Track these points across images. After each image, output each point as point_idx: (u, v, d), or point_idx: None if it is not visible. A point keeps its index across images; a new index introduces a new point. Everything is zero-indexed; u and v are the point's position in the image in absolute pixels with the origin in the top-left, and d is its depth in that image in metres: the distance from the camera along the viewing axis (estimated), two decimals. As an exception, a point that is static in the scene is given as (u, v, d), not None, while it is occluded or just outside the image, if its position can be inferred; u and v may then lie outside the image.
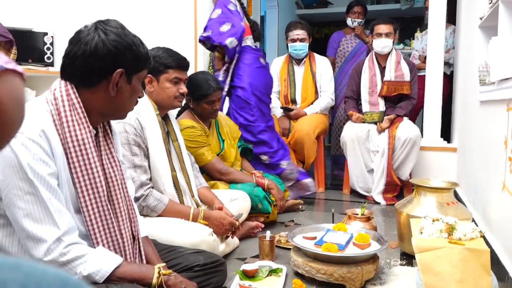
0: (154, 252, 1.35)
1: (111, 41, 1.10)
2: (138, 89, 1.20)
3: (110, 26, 1.12)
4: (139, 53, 1.15)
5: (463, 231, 1.46)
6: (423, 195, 1.98)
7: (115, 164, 1.21)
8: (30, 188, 1.01)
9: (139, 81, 1.19)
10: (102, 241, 1.15)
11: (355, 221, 2.06)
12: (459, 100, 3.29)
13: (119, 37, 1.11)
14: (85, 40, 1.10)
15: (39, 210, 1.02)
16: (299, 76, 3.57)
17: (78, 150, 1.10)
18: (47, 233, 1.02)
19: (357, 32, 4.13)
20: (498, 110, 1.84)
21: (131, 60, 1.13)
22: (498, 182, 1.77)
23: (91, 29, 1.11)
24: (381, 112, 3.24)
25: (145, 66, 1.19)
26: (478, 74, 2.23)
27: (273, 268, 1.76)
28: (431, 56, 3.35)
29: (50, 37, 3.58)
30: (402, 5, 5.69)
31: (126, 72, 1.13)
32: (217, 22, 2.79)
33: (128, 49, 1.12)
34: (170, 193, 1.85)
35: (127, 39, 1.13)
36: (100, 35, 1.10)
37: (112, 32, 1.11)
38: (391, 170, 3.07)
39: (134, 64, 1.14)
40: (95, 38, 1.09)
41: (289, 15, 5.99)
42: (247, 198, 2.26)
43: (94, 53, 1.09)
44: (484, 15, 2.16)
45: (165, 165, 1.85)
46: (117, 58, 1.11)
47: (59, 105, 1.10)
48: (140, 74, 1.18)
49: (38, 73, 3.48)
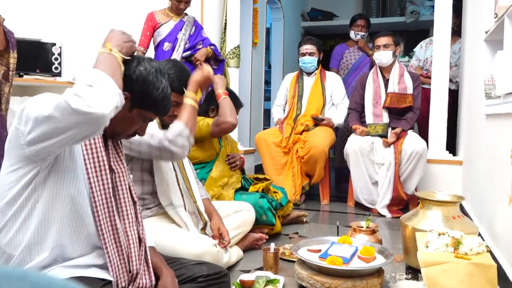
0: (162, 261, 1.36)
1: (137, 70, 1.18)
2: (135, 122, 1.23)
3: (152, 64, 1.21)
4: (151, 94, 1.20)
5: (469, 245, 1.45)
6: (428, 209, 1.97)
7: (122, 169, 1.24)
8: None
9: (140, 117, 1.23)
10: (110, 241, 1.17)
11: (360, 234, 2.04)
12: (464, 113, 3.28)
13: (146, 72, 1.19)
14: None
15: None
16: (308, 86, 3.64)
17: (90, 150, 1.15)
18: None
19: (360, 45, 4.15)
20: (504, 124, 1.83)
21: (140, 93, 1.19)
22: (504, 196, 1.75)
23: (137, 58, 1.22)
24: (385, 124, 3.24)
25: (152, 110, 1.23)
26: (484, 87, 2.23)
27: (271, 279, 1.74)
28: (436, 70, 3.35)
29: (58, 48, 3.62)
30: (408, 18, 5.72)
31: (131, 99, 1.18)
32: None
33: (145, 84, 1.18)
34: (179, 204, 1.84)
35: (150, 77, 1.19)
36: (137, 62, 1.19)
37: (146, 67, 1.19)
38: (398, 184, 3.05)
39: (141, 98, 1.20)
40: (136, 64, 1.19)
41: (295, 27, 6.04)
42: (252, 210, 2.25)
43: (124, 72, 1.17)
44: (489, 29, 2.17)
45: (172, 178, 1.85)
46: (131, 84, 1.17)
47: None
48: (144, 112, 1.22)
49: (46, 83, 3.52)
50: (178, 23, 3.31)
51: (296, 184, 3.32)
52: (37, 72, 3.55)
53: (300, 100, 3.63)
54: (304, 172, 3.35)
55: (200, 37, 3.35)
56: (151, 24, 3.30)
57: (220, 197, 2.36)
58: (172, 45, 3.24)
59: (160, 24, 3.29)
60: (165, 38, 3.28)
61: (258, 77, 4.79)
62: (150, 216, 1.86)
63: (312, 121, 3.48)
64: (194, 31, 3.34)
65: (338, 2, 6.46)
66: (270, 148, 3.41)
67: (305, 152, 3.28)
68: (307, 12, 6.43)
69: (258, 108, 4.82)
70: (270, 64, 5.69)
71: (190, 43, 3.30)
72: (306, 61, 3.61)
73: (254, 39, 4.49)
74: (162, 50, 3.27)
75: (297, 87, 3.67)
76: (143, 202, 1.87)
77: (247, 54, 4.36)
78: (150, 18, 3.31)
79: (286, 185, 3.26)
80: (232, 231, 2.05)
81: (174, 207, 1.82)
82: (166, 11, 3.33)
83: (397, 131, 3.16)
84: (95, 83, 0.98)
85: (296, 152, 3.34)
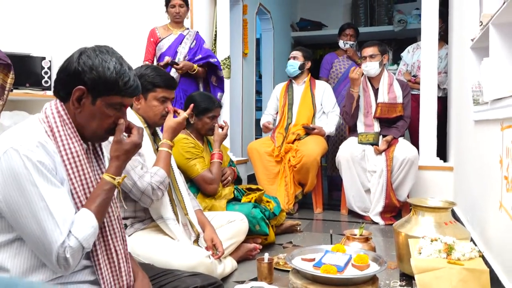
0: (137, 266, 1.36)
1: (80, 60, 1.13)
2: (105, 113, 1.17)
3: (95, 49, 1.16)
4: (104, 76, 1.13)
5: (461, 251, 1.46)
6: (421, 215, 1.98)
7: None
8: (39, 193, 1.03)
9: (108, 105, 1.17)
10: (103, 257, 1.17)
11: (353, 242, 2.04)
12: (454, 119, 3.31)
13: (89, 58, 1.14)
14: (68, 58, 1.16)
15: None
16: (298, 95, 3.67)
17: (73, 162, 1.13)
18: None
19: (349, 54, 4.20)
20: (492, 130, 1.85)
21: (93, 81, 1.13)
22: (495, 201, 1.77)
23: (79, 50, 1.17)
24: (376, 133, 3.26)
25: (113, 92, 1.16)
26: (472, 94, 2.26)
27: (266, 290, 1.74)
28: (424, 77, 3.39)
29: (48, 62, 3.61)
30: (395, 27, 5.79)
31: (89, 92, 1.14)
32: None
33: (93, 70, 1.13)
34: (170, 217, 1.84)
35: (96, 61, 1.13)
36: (77, 54, 1.15)
37: (87, 54, 1.14)
38: (390, 191, 3.07)
39: (96, 86, 1.14)
40: (72, 57, 1.15)
41: (284, 37, 6.08)
42: (245, 220, 2.25)
43: (65, 69, 1.15)
44: (475, 36, 2.20)
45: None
46: (79, 76, 1.13)
47: (51, 122, 1.14)
48: (108, 98, 1.16)
49: (36, 97, 3.51)
50: (178, 36, 3.34)
51: (289, 193, 3.32)
52: (27, 86, 3.53)
53: (290, 109, 3.65)
54: (297, 181, 3.36)
55: (201, 50, 3.36)
56: (153, 40, 3.36)
57: (212, 208, 2.36)
58: (171, 59, 3.25)
59: (160, 38, 3.35)
60: (165, 51, 3.31)
61: (249, 87, 4.81)
62: (143, 228, 1.86)
63: (303, 130, 3.50)
64: (194, 44, 3.36)
65: (326, 12, 6.53)
66: (262, 158, 3.41)
67: (297, 161, 3.28)
68: (297, 22, 6.48)
69: (249, 118, 4.83)
70: (261, 74, 5.72)
71: (189, 56, 3.31)
72: (289, 64, 3.67)
73: (244, 49, 4.52)
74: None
75: (287, 96, 3.69)
76: (135, 215, 1.86)
77: (238, 64, 4.38)
78: (152, 34, 3.39)
79: (279, 194, 3.26)
80: (225, 241, 2.04)
81: (164, 220, 1.82)
82: (167, 26, 3.40)
83: (388, 139, 3.18)
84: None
85: (288, 161, 3.35)
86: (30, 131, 1.10)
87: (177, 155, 2.31)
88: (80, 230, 1.08)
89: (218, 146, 2.48)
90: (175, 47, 3.30)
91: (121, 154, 1.21)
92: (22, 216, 1.03)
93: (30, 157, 1.03)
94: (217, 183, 2.41)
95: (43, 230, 1.03)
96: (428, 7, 3.35)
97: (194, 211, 2.04)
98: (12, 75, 2.16)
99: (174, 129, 1.89)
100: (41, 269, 1.08)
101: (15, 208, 1.03)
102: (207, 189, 2.40)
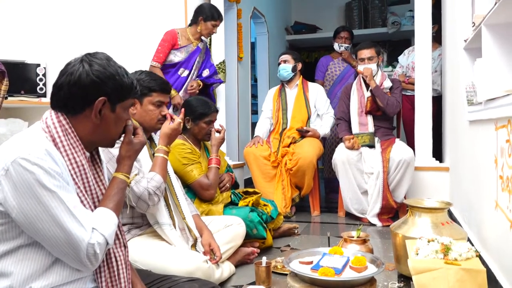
0: (136, 276, 1.36)
1: (94, 71, 1.14)
2: (123, 118, 1.23)
3: (96, 57, 1.18)
4: (122, 83, 1.18)
5: (458, 251, 1.46)
6: (417, 216, 1.98)
7: (104, 189, 1.24)
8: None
9: (124, 109, 1.23)
10: (104, 265, 1.16)
11: (351, 244, 2.05)
12: (449, 120, 3.33)
13: (103, 67, 1.16)
14: (71, 70, 1.15)
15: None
16: (291, 99, 3.66)
17: (78, 172, 1.14)
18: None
19: (344, 57, 4.23)
20: (486, 129, 1.86)
21: (114, 89, 1.17)
22: (491, 200, 1.78)
23: (77, 61, 1.17)
24: (371, 133, 3.27)
25: (129, 95, 1.22)
26: (466, 94, 2.27)
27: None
28: (419, 77, 3.41)
29: (43, 69, 3.61)
30: (389, 29, 5.82)
31: (109, 101, 1.17)
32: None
33: (111, 79, 1.16)
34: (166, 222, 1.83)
35: (111, 69, 1.17)
36: (85, 66, 1.15)
37: (96, 63, 1.16)
38: (387, 193, 3.08)
39: (117, 93, 1.18)
40: (79, 69, 1.14)
41: (279, 41, 6.10)
42: (242, 224, 2.24)
43: (77, 82, 1.14)
44: (468, 37, 2.22)
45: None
46: (99, 88, 1.15)
47: (53, 132, 1.13)
48: (124, 103, 1.22)
49: (31, 104, 3.50)
50: (195, 49, 3.25)
51: (286, 196, 3.32)
52: (22, 93, 3.52)
53: (285, 114, 3.65)
54: (294, 184, 3.36)
55: (208, 63, 3.35)
56: (172, 43, 3.19)
57: (209, 213, 2.35)
58: (188, 72, 3.21)
59: (180, 46, 3.21)
60: (183, 63, 3.21)
61: (245, 91, 4.82)
62: (140, 234, 1.85)
63: (298, 133, 3.50)
64: (205, 58, 3.34)
65: (321, 15, 6.56)
66: (259, 162, 3.41)
67: (293, 164, 3.29)
68: (291, 26, 6.51)
69: (245, 122, 4.84)
70: (256, 78, 5.73)
71: (199, 71, 3.30)
72: (281, 68, 3.68)
73: (239, 53, 4.53)
74: (178, 75, 3.21)
75: (280, 101, 3.69)
76: (132, 221, 1.86)
77: (233, 68, 4.39)
78: (172, 37, 3.20)
79: (276, 197, 3.26)
80: (223, 246, 2.04)
81: (160, 225, 1.82)
82: (188, 34, 3.25)
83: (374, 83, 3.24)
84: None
85: (285, 165, 3.35)
86: (35, 139, 1.10)
87: (174, 161, 2.31)
88: (104, 227, 1.11)
89: (216, 151, 2.48)
90: (193, 61, 3.23)
91: (132, 154, 1.28)
92: (42, 222, 1.03)
93: (41, 164, 1.03)
94: (214, 189, 2.41)
95: (67, 232, 1.04)
96: (421, 9, 3.37)
97: (192, 216, 2.04)
98: (6, 82, 2.17)
99: (169, 135, 1.90)
100: (42, 275, 1.08)
101: (33, 216, 1.03)
102: (204, 195, 2.40)
